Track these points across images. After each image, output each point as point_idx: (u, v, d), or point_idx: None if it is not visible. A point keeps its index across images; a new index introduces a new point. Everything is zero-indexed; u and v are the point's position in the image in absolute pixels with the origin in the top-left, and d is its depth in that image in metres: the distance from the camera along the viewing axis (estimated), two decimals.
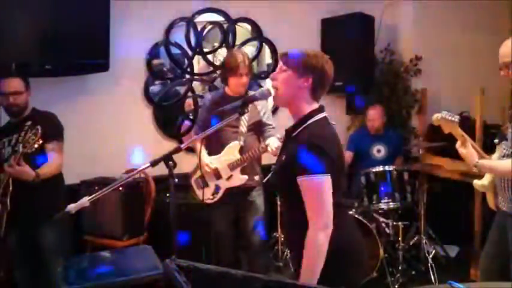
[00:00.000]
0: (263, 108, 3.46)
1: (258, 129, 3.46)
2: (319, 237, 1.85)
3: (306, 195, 1.90)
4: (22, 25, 3.32)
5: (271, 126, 3.47)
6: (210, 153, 3.40)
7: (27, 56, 3.38)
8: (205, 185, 3.41)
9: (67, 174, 3.27)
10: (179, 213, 3.57)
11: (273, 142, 3.17)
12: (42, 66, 3.45)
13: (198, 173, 3.45)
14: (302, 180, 1.89)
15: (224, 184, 3.38)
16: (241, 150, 3.33)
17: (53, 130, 3.01)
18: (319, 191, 1.88)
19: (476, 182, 2.73)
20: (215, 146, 3.39)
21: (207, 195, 3.39)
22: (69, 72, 3.68)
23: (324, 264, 1.86)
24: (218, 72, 4.58)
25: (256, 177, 3.44)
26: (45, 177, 2.90)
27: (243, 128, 3.35)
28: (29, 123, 2.94)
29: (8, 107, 3.03)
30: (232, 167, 3.33)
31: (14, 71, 3.10)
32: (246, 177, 3.34)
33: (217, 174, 3.37)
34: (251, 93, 3.51)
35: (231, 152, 3.34)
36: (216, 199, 3.40)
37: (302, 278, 1.87)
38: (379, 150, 4.55)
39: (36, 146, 2.75)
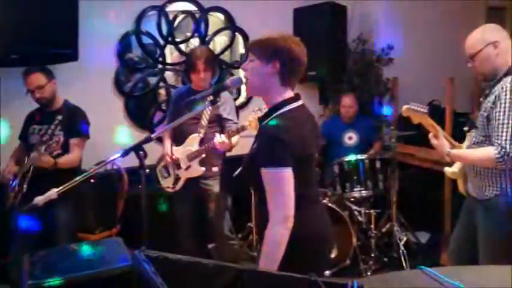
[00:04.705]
0: (225, 102, 3.47)
1: (219, 123, 3.48)
2: (277, 230, 1.82)
3: (266, 187, 1.86)
4: None
5: (232, 122, 3.48)
6: (174, 144, 3.49)
7: None
8: (168, 174, 3.53)
9: None
10: (151, 204, 3.59)
11: (219, 137, 3.21)
12: (8, 56, 3.36)
13: (162, 163, 3.57)
14: (263, 173, 1.85)
15: (184, 174, 3.46)
16: (202, 142, 3.39)
17: (79, 127, 3.26)
18: (278, 184, 1.83)
19: (447, 169, 2.78)
20: (179, 137, 3.47)
21: (168, 184, 3.54)
22: (37, 62, 3.58)
23: (284, 253, 1.82)
24: None
25: (215, 169, 3.49)
26: (62, 167, 3.11)
27: (204, 120, 3.40)
28: (59, 117, 3.18)
29: (37, 101, 3.24)
30: (190, 158, 3.39)
31: (33, 67, 3.21)
32: (203, 169, 3.41)
33: (177, 165, 3.45)
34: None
35: (191, 143, 3.40)
36: (176, 188, 3.50)
37: (261, 267, 1.84)
38: (350, 138, 4.59)
39: (55, 153, 3.05)
